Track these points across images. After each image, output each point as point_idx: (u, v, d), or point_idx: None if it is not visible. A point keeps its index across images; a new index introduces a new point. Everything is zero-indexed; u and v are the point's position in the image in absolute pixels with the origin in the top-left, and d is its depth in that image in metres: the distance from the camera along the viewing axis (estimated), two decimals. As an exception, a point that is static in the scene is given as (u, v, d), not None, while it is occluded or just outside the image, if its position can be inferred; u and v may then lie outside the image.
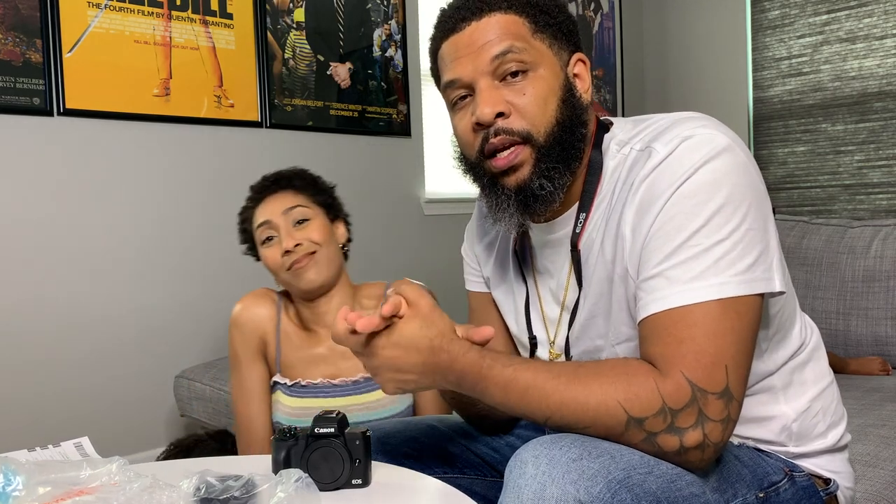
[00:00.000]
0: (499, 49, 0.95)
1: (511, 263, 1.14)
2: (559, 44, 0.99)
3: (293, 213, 1.56)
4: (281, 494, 0.85)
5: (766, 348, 0.98)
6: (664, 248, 0.87)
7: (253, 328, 1.60)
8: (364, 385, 1.56)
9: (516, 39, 0.95)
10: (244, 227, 1.63)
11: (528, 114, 0.95)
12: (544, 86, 0.96)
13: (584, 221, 1.00)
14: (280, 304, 1.64)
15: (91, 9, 2.30)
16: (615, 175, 0.97)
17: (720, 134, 0.90)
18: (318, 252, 1.55)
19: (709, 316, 0.84)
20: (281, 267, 1.54)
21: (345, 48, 2.95)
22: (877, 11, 3.52)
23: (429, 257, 3.16)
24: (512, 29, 0.96)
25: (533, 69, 0.96)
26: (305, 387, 1.57)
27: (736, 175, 0.87)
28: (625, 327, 0.96)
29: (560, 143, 0.96)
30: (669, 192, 0.88)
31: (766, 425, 1.01)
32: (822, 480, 1.03)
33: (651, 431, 0.83)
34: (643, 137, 0.96)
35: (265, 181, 1.62)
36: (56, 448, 1.10)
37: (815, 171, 3.74)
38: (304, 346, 1.60)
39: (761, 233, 0.88)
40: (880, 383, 2.02)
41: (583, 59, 1.02)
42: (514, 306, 1.14)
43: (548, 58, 0.98)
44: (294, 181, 1.61)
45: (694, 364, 0.83)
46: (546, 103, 0.96)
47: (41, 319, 2.23)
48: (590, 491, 0.76)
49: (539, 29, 0.98)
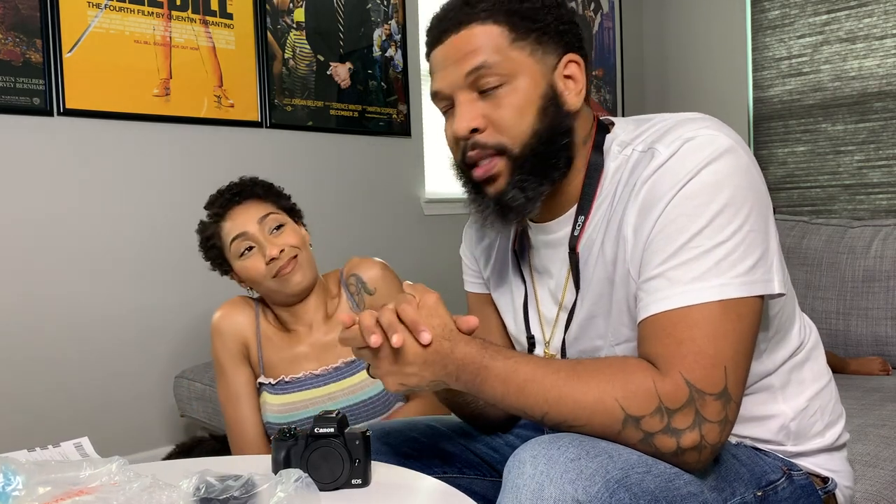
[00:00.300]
0: (472, 65, 0.96)
1: (510, 262, 1.14)
2: (544, 48, 0.98)
3: (268, 221, 1.58)
4: (281, 494, 0.85)
5: (764, 349, 0.99)
6: (666, 249, 0.87)
7: (233, 333, 1.63)
8: (345, 370, 1.59)
9: (492, 52, 0.95)
10: (211, 244, 1.63)
11: (502, 127, 0.96)
12: (521, 97, 0.96)
13: (582, 224, 1.00)
14: (258, 310, 1.67)
15: (91, 9, 2.30)
16: (617, 176, 0.97)
17: (722, 135, 0.90)
18: (300, 255, 1.57)
19: (709, 317, 0.84)
20: (265, 276, 1.55)
21: (345, 48, 2.95)
22: (877, 11, 3.52)
23: (429, 257, 3.16)
24: (488, 42, 0.96)
25: (510, 81, 0.96)
26: (290, 382, 1.59)
27: (738, 177, 0.88)
28: (625, 328, 0.96)
29: (536, 155, 0.97)
30: (672, 194, 0.88)
31: (765, 424, 1.01)
32: (820, 479, 1.03)
33: (648, 431, 0.83)
34: (645, 138, 0.95)
35: (224, 195, 1.62)
36: (56, 448, 1.10)
37: (815, 171, 3.74)
38: (286, 347, 1.63)
39: (762, 234, 0.88)
40: (880, 383, 2.02)
41: (575, 60, 0.99)
42: (512, 305, 1.14)
43: (527, 67, 0.96)
44: (255, 189, 1.62)
45: (693, 365, 0.83)
46: (522, 115, 0.96)
47: (41, 319, 2.23)
48: (588, 490, 0.76)
49: (519, 37, 0.96)
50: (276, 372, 1.62)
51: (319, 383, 1.59)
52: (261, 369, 1.63)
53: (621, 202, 0.95)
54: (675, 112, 0.99)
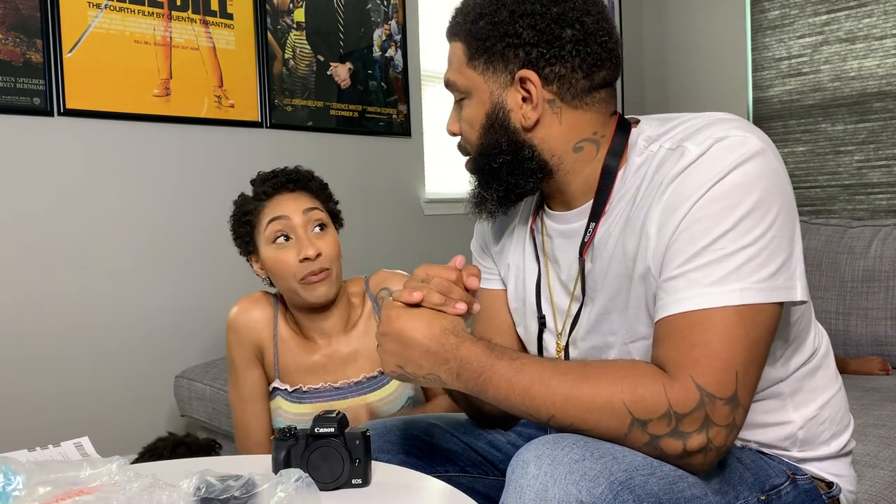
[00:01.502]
0: (447, 75, 1.06)
1: (527, 241, 1.13)
2: (495, 66, 0.99)
3: (313, 215, 1.50)
4: (281, 494, 0.85)
5: (780, 356, 0.98)
6: (688, 250, 0.86)
7: (248, 333, 1.56)
8: (367, 385, 1.55)
9: (455, 70, 1.04)
10: (245, 220, 1.53)
11: (465, 136, 1.07)
12: (471, 113, 1.03)
13: (593, 231, 0.99)
14: (277, 308, 1.59)
15: (91, 9, 2.30)
16: (641, 171, 0.96)
17: (753, 137, 0.89)
18: (332, 268, 1.50)
19: (726, 321, 0.83)
20: (292, 274, 1.47)
21: (345, 48, 2.95)
22: (877, 11, 3.52)
23: (429, 257, 3.15)
24: (455, 59, 1.04)
25: (468, 97, 1.03)
26: (307, 392, 1.54)
27: (767, 179, 0.87)
28: (641, 326, 0.95)
29: (480, 169, 1.04)
30: (700, 194, 0.86)
31: (772, 431, 1.00)
32: (824, 483, 1.02)
33: (654, 434, 0.82)
34: (674, 136, 0.94)
35: (279, 176, 1.53)
36: (56, 448, 1.10)
37: (814, 171, 3.74)
38: (302, 354, 1.57)
39: (787, 240, 0.87)
40: (880, 383, 2.02)
41: (528, 77, 0.97)
42: (524, 283, 1.14)
43: (478, 85, 1.02)
44: (311, 183, 1.55)
45: (705, 369, 0.82)
46: (472, 129, 1.04)
47: (41, 319, 2.23)
48: (592, 492, 0.76)
49: (473, 56, 1.01)
50: (292, 379, 1.56)
51: (338, 396, 1.53)
52: (276, 373, 1.57)
53: (646, 198, 0.93)
54: (675, 111, 0.99)
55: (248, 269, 1.60)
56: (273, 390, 1.58)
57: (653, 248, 0.91)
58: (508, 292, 1.17)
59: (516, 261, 1.15)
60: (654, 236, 0.91)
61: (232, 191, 1.60)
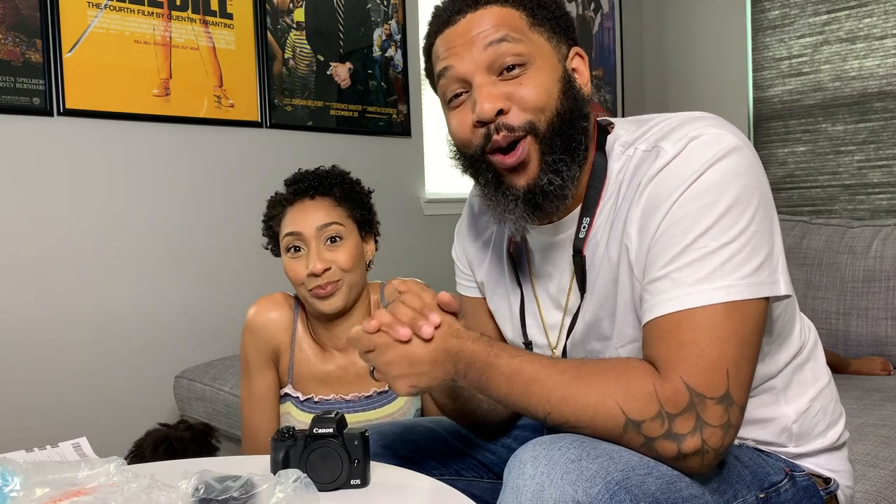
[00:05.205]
0: (494, 37, 0.93)
1: (506, 266, 1.12)
2: (557, 37, 0.98)
3: (327, 231, 1.47)
4: (280, 495, 0.85)
5: (767, 351, 0.98)
6: (670, 250, 0.86)
7: (266, 335, 1.54)
8: (377, 400, 1.54)
9: (512, 30, 0.94)
10: (270, 224, 1.54)
11: (528, 105, 0.93)
12: (544, 77, 0.95)
13: (588, 226, 0.98)
14: (297, 312, 1.57)
15: (91, 9, 2.30)
16: (620, 176, 0.96)
17: (728, 134, 0.89)
18: (345, 278, 1.47)
19: (713, 320, 0.83)
20: (302, 285, 1.47)
21: (345, 48, 2.95)
22: (877, 11, 3.52)
23: (429, 257, 3.16)
24: (508, 21, 0.95)
25: (531, 62, 0.94)
26: (318, 403, 1.54)
27: (744, 175, 0.87)
28: (630, 329, 0.95)
29: (562, 135, 0.94)
30: (678, 193, 0.86)
31: (767, 427, 1.00)
32: (822, 480, 1.03)
33: (648, 436, 0.82)
34: (649, 137, 0.94)
35: (303, 181, 1.51)
36: (54, 448, 1.10)
37: (815, 171, 3.74)
38: (317, 362, 1.56)
39: (767, 235, 0.87)
40: (881, 383, 2.02)
41: (580, 54, 1.01)
42: (509, 311, 1.13)
43: (546, 50, 0.96)
44: (334, 190, 1.50)
45: (694, 368, 0.82)
46: (547, 93, 0.94)
47: (40, 319, 2.23)
48: (588, 492, 0.76)
49: (537, 22, 0.97)
50: (305, 388, 1.54)
51: (349, 409, 1.52)
52: (289, 379, 1.55)
53: (625, 202, 0.93)
54: (675, 112, 0.99)
55: (249, 269, 1.60)
56: (284, 395, 1.57)
57: (635, 250, 0.91)
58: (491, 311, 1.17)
59: (491, 281, 1.15)
60: (635, 238, 0.91)
61: (232, 191, 1.60)
